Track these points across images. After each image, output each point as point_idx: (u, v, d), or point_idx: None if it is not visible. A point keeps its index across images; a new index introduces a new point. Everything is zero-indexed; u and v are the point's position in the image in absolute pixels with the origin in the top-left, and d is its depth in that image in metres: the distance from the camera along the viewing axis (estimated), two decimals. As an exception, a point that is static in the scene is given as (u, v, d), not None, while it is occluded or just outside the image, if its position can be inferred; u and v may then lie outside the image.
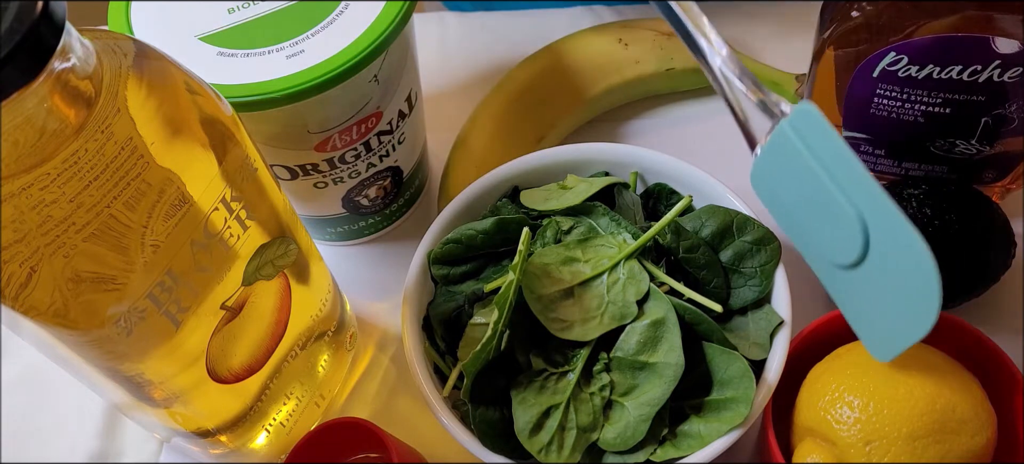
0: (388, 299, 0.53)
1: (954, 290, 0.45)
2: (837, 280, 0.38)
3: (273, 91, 0.41)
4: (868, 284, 0.36)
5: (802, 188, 0.37)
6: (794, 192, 0.37)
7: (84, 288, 0.30)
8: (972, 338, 0.41)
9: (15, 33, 0.26)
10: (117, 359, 0.34)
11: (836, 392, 0.38)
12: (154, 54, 0.33)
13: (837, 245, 0.36)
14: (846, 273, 0.37)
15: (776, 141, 0.37)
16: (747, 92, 0.38)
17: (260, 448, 0.45)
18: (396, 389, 0.50)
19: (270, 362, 0.41)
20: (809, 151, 0.36)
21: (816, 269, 0.39)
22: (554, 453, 0.38)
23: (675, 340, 0.38)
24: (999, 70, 0.41)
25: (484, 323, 0.41)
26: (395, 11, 0.43)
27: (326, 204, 0.51)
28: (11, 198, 0.28)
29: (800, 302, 0.42)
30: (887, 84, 0.44)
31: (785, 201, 0.38)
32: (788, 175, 0.37)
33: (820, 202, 0.36)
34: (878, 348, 0.37)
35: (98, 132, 0.29)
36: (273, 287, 0.40)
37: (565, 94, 0.57)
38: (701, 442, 0.38)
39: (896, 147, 0.48)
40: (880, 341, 0.37)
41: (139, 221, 0.31)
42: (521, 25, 0.65)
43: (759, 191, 0.39)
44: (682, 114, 0.60)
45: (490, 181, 0.46)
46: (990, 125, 0.44)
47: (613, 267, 0.41)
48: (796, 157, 0.36)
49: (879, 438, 0.37)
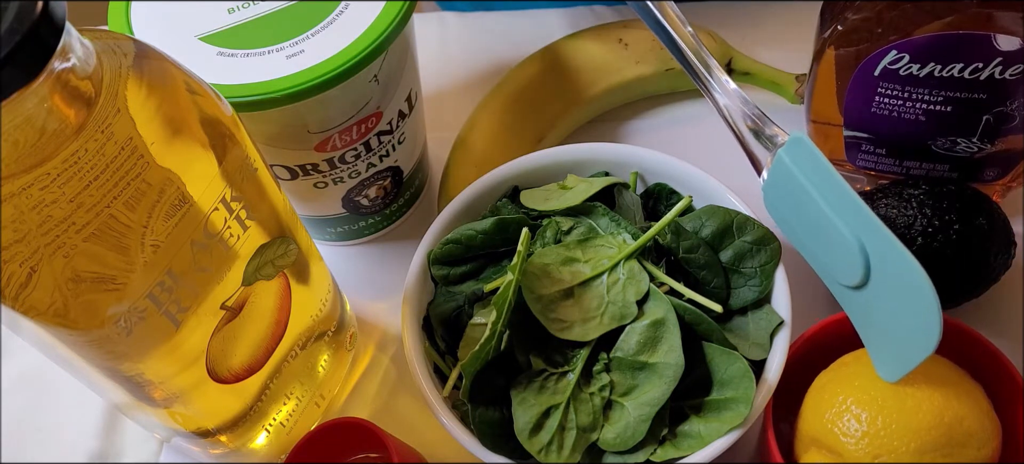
0: (388, 299, 0.53)
1: (954, 291, 0.45)
2: (848, 300, 0.39)
3: (273, 91, 0.41)
4: (875, 304, 0.37)
5: (806, 212, 0.38)
6: (800, 216, 0.39)
7: (84, 288, 0.30)
8: (973, 341, 0.41)
9: (15, 33, 0.26)
10: (117, 359, 0.34)
11: (843, 403, 0.38)
12: (154, 54, 0.33)
13: (842, 267, 0.38)
14: (855, 294, 0.38)
15: (777, 169, 0.39)
16: (746, 125, 0.41)
17: (260, 448, 0.45)
18: (396, 389, 0.50)
19: (270, 362, 0.41)
20: (806, 179, 0.37)
21: (830, 288, 0.40)
22: (554, 453, 0.38)
23: (675, 340, 0.38)
24: (1000, 68, 0.41)
25: (484, 323, 0.41)
26: (395, 11, 0.43)
27: (326, 204, 0.51)
28: (11, 198, 0.28)
29: (800, 302, 0.42)
30: (888, 83, 0.44)
31: (793, 224, 0.40)
32: (792, 200, 0.39)
33: (822, 226, 0.37)
34: (886, 369, 0.38)
35: (98, 132, 0.29)
36: (273, 287, 0.40)
37: (565, 94, 0.57)
38: (701, 442, 0.38)
39: (897, 146, 0.48)
40: (888, 361, 0.38)
41: (139, 221, 0.31)
42: (521, 25, 0.65)
43: (772, 213, 0.41)
44: (682, 114, 0.60)
45: (490, 181, 0.46)
46: (991, 123, 0.44)
47: (613, 267, 0.41)
48: (796, 184, 0.38)
49: (887, 452, 0.36)
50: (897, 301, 0.36)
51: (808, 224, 0.38)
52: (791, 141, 0.38)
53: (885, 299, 0.36)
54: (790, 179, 0.38)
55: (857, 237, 0.36)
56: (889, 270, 0.35)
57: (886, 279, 0.36)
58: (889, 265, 0.35)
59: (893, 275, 0.35)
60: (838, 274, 0.38)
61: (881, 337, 0.38)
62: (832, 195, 0.37)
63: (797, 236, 0.40)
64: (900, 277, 0.35)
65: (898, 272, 0.35)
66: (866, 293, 0.37)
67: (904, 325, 0.36)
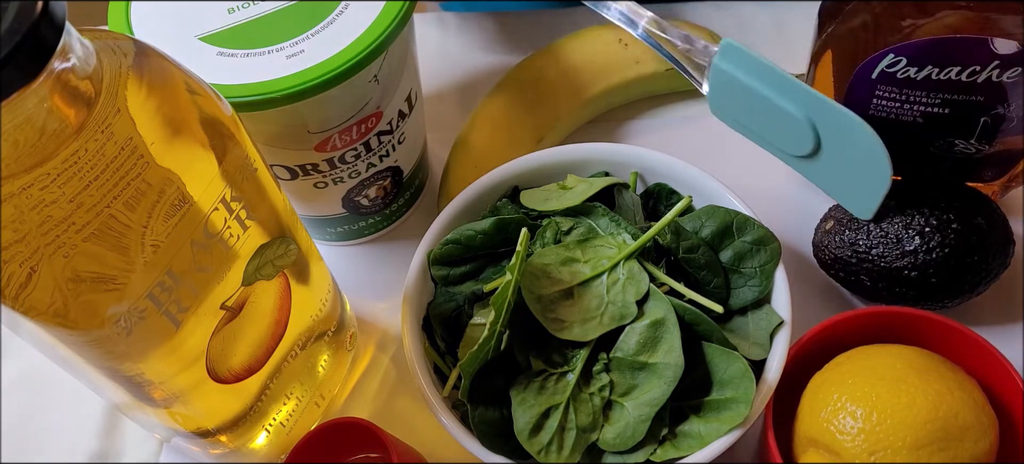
0: (388, 299, 0.53)
1: (953, 289, 0.45)
2: (806, 167, 0.44)
3: (273, 91, 0.41)
4: (831, 163, 0.43)
5: (752, 105, 0.43)
6: (747, 110, 0.44)
7: (84, 288, 0.30)
8: (971, 341, 0.41)
9: (15, 33, 0.26)
10: (117, 359, 0.34)
11: (838, 402, 0.38)
12: (154, 54, 0.33)
13: (794, 142, 0.43)
14: (811, 161, 0.43)
15: (716, 76, 0.44)
16: (678, 46, 0.45)
17: (260, 448, 0.45)
18: (396, 389, 0.50)
19: (270, 362, 0.41)
20: (746, 76, 0.42)
21: (787, 163, 0.45)
22: (554, 453, 0.38)
23: (675, 340, 0.38)
24: (998, 70, 0.41)
25: (483, 324, 0.41)
26: (395, 11, 0.43)
27: (326, 204, 0.51)
28: (11, 198, 0.28)
29: (800, 303, 0.42)
30: (886, 85, 0.44)
31: (742, 119, 0.45)
32: (736, 99, 0.44)
33: (769, 112, 0.42)
34: (858, 208, 0.44)
35: (98, 132, 0.29)
36: (273, 287, 0.40)
37: (565, 94, 0.57)
38: (701, 442, 0.38)
39: (895, 148, 0.48)
40: (858, 203, 0.44)
41: (139, 221, 0.31)
42: (521, 25, 0.65)
43: (721, 118, 0.46)
44: (682, 114, 0.60)
45: (490, 181, 0.46)
46: (989, 124, 0.44)
47: (613, 267, 0.41)
48: (737, 83, 0.43)
49: (883, 448, 0.37)
50: (849, 152, 0.41)
51: (756, 115, 0.43)
52: (723, 47, 0.42)
53: (838, 155, 0.42)
54: (731, 81, 0.43)
55: (804, 113, 0.41)
56: (835, 130, 0.41)
57: (834, 138, 0.41)
58: (834, 126, 0.41)
59: (839, 132, 0.41)
60: (792, 148, 0.43)
61: (845, 187, 0.44)
62: (773, 83, 0.41)
63: (748, 129, 0.45)
64: (846, 132, 0.41)
65: (843, 128, 0.41)
66: (821, 157, 0.43)
67: (860, 169, 0.42)
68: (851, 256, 0.46)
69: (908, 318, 0.42)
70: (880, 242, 0.45)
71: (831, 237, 0.47)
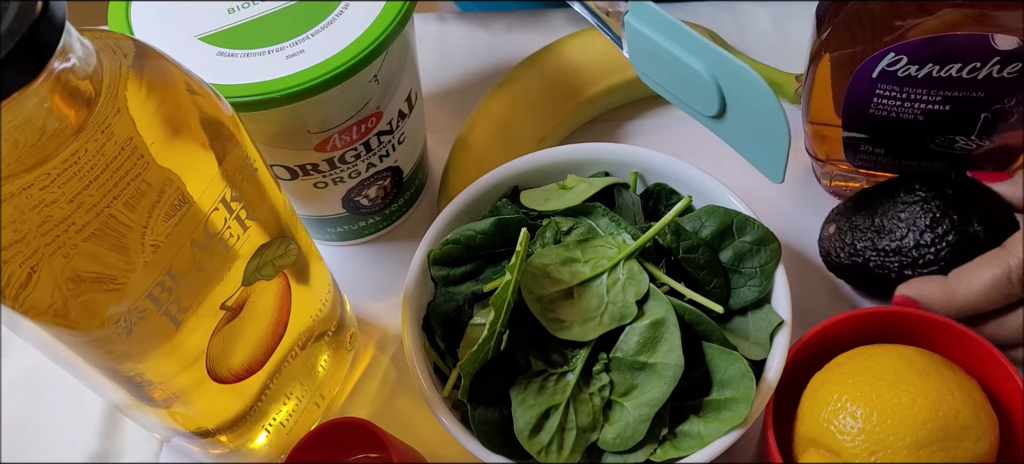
0: (388, 299, 0.53)
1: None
2: (719, 127, 0.43)
3: (273, 91, 0.41)
4: (738, 122, 0.41)
5: (664, 63, 0.42)
6: (661, 68, 0.43)
7: (84, 288, 0.30)
8: (971, 341, 0.41)
9: (15, 33, 0.26)
10: (117, 359, 0.34)
11: (838, 402, 0.38)
12: (154, 54, 0.33)
13: (703, 102, 0.42)
14: (722, 121, 0.42)
15: (631, 35, 0.43)
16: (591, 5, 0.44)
17: (260, 448, 0.45)
18: (396, 389, 0.50)
19: (270, 362, 0.41)
20: (656, 34, 0.41)
21: (703, 124, 0.44)
22: (554, 453, 0.38)
23: (675, 340, 0.38)
24: (998, 66, 0.41)
25: (483, 324, 0.41)
26: (395, 11, 0.43)
27: (326, 204, 0.51)
28: (11, 198, 0.28)
29: (800, 303, 0.42)
30: (886, 84, 0.44)
31: (658, 77, 0.44)
32: (651, 57, 0.43)
33: (680, 70, 0.41)
34: (768, 171, 0.42)
35: (98, 132, 0.29)
36: (273, 287, 0.40)
37: (565, 94, 0.57)
38: (701, 442, 0.38)
39: (896, 145, 0.48)
40: (767, 165, 0.41)
41: (139, 221, 0.31)
42: (521, 25, 0.65)
43: (642, 76, 0.45)
44: (682, 114, 0.59)
45: (490, 181, 0.46)
46: (989, 120, 0.44)
47: (613, 267, 0.41)
48: (649, 41, 0.42)
49: (883, 448, 0.37)
50: (752, 112, 0.40)
51: (669, 73, 0.42)
52: (632, 6, 0.42)
53: (743, 114, 0.40)
54: (644, 39, 0.42)
55: (708, 70, 0.40)
56: (737, 88, 0.39)
57: (738, 97, 0.40)
58: (736, 84, 0.39)
59: (741, 91, 0.39)
60: (703, 108, 0.42)
61: (754, 149, 0.42)
62: (680, 40, 0.40)
63: (665, 89, 0.44)
64: (746, 90, 0.39)
65: (743, 86, 0.39)
66: (728, 118, 0.41)
67: (763, 129, 0.40)
68: (855, 256, 0.46)
69: (908, 318, 0.42)
70: (882, 240, 0.45)
71: (833, 241, 0.48)
